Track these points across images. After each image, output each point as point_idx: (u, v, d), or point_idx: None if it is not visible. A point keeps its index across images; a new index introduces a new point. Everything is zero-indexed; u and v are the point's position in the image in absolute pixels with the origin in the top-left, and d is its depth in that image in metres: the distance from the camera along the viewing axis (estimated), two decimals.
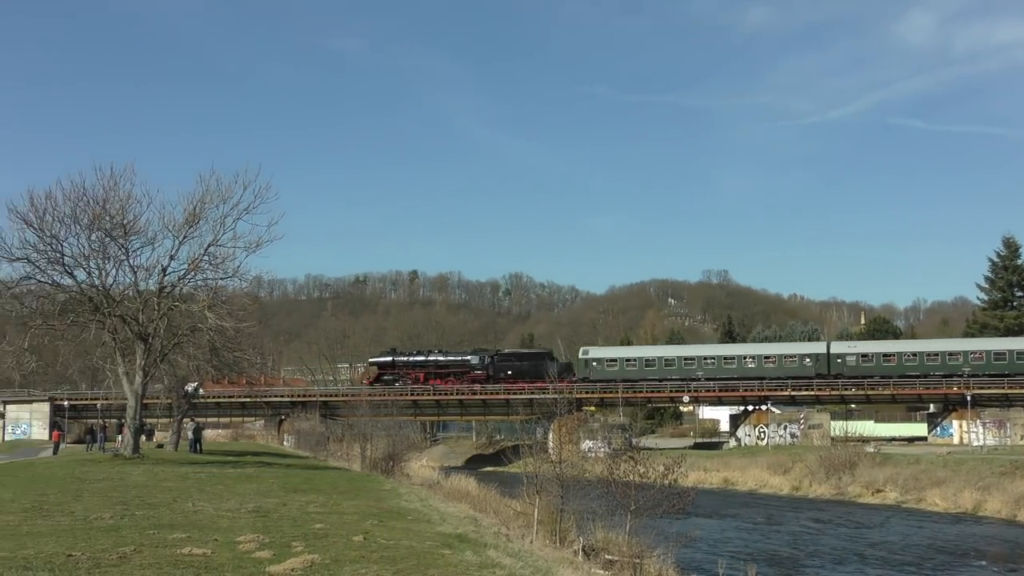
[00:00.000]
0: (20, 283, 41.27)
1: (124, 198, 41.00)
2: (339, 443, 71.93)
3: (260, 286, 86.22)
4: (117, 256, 41.76)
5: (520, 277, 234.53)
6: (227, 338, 43.70)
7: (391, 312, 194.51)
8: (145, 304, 42.00)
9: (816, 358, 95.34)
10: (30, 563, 11.91)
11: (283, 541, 14.72)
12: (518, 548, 18.65)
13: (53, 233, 40.26)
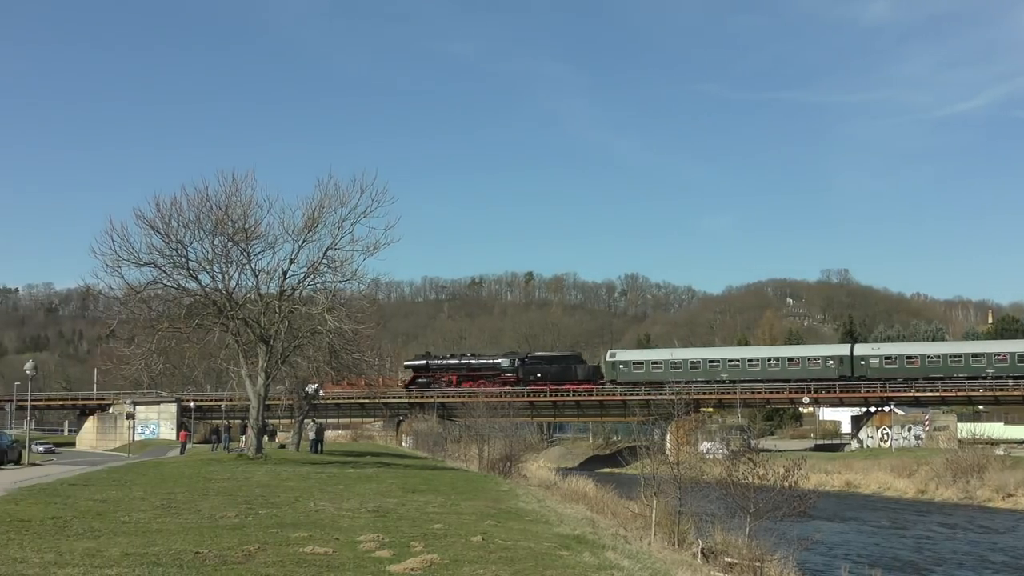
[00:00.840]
0: (148, 287, 42.32)
1: (246, 203, 41.87)
2: (457, 444, 72.34)
3: (378, 289, 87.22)
4: (239, 260, 42.63)
5: (636, 278, 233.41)
6: (346, 340, 44.28)
7: (507, 313, 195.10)
8: (266, 307, 42.78)
9: (840, 360, 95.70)
10: (160, 559, 12.21)
11: (403, 541, 14.84)
12: (636, 550, 18.52)
13: (178, 238, 41.27)
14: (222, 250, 42.13)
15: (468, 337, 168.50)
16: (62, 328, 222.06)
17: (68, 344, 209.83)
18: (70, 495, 23.42)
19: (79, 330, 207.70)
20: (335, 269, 43.09)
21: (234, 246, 42.06)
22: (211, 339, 44.17)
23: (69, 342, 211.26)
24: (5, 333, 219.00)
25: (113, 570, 11.26)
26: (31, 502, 21.33)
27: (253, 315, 42.56)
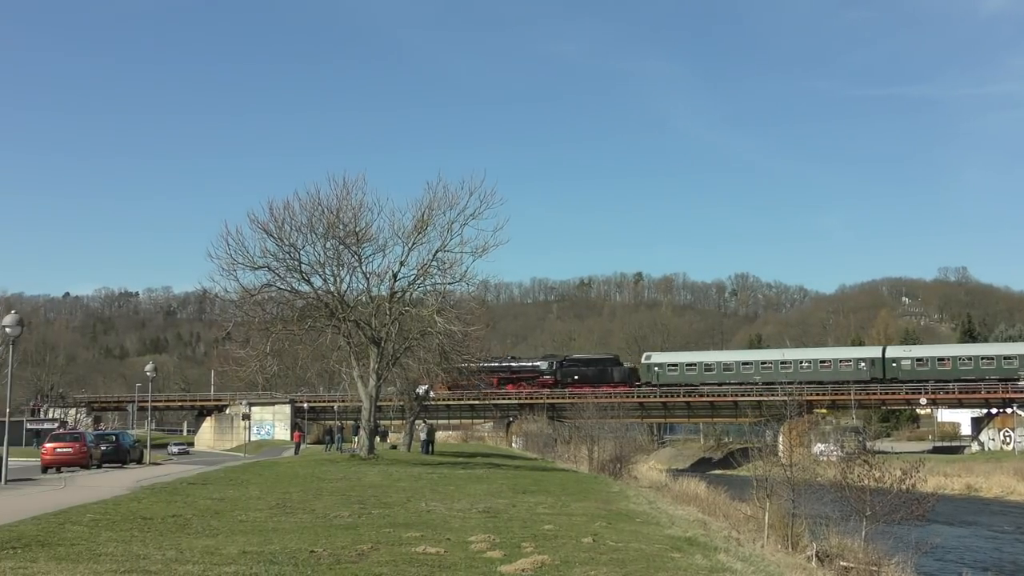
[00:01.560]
0: (262, 290, 43.08)
1: (356, 207, 42.39)
2: (566, 445, 72.26)
3: (487, 290, 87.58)
4: (350, 263, 43.17)
5: (746, 277, 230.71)
6: (455, 342, 44.52)
7: (616, 314, 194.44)
8: (377, 309, 43.23)
9: (871, 362, 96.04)
10: (276, 558, 12.41)
11: (513, 541, 14.85)
12: (749, 552, 18.30)
13: (291, 242, 41.97)
14: (334, 253, 42.72)
15: (577, 338, 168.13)
16: (180, 331, 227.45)
17: (186, 346, 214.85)
18: (189, 494, 23.96)
19: (196, 332, 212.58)
20: (444, 271, 43.37)
21: (345, 249, 42.60)
22: (323, 341, 44.81)
23: (187, 344, 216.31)
24: (126, 336, 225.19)
25: (231, 568, 11.48)
26: (153, 500, 21.88)
27: (364, 317, 43.04)
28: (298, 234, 42.22)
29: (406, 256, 43.16)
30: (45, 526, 15.90)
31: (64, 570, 10.92)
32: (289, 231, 42.00)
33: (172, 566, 11.47)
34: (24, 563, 11.52)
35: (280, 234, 41.78)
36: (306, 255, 42.47)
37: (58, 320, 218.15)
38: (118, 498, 22.50)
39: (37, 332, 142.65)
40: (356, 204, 42.33)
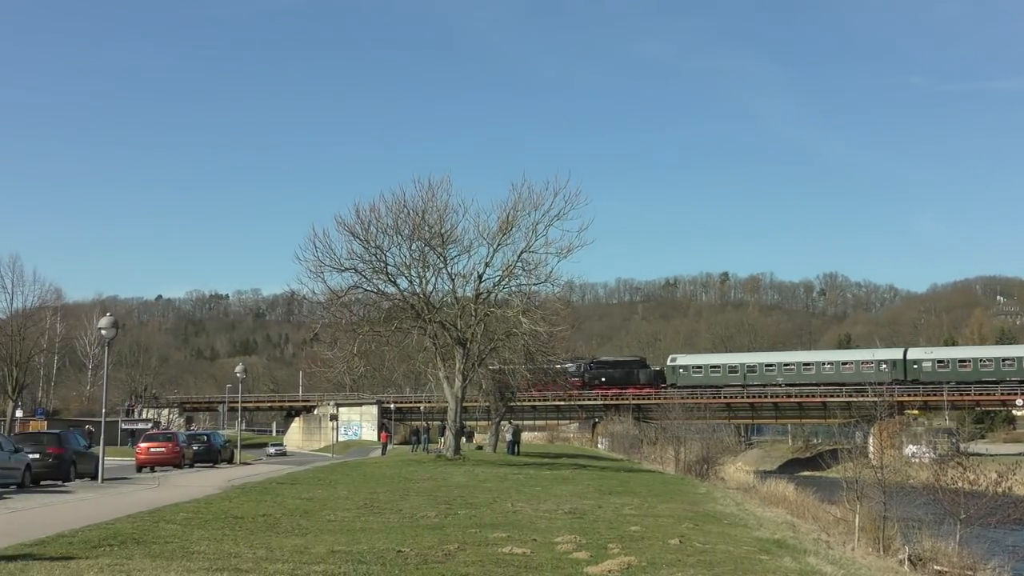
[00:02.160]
0: (349, 292, 43.51)
1: (441, 208, 42.61)
2: (652, 446, 71.97)
3: (572, 291, 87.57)
4: (436, 264, 43.40)
5: (835, 277, 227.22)
6: (541, 342, 44.55)
7: (702, 314, 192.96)
8: (463, 310, 43.39)
9: (893, 364, 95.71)
10: (364, 557, 12.53)
11: (600, 543, 14.82)
12: (839, 555, 18.05)
13: (377, 244, 42.33)
14: (419, 255, 42.98)
15: (663, 339, 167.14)
16: (269, 332, 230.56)
17: (275, 348, 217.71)
18: (279, 493, 24.29)
19: (285, 334, 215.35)
20: (529, 272, 43.41)
21: (431, 250, 42.84)
22: (409, 342, 45.12)
23: (276, 346, 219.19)
24: (217, 337, 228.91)
25: (320, 566, 11.61)
26: (243, 499, 22.21)
27: (450, 318, 43.21)
28: (384, 236, 42.61)
29: (491, 257, 43.33)
30: (140, 524, 16.24)
31: (158, 567, 11.13)
32: (375, 233, 42.42)
33: (262, 564, 11.63)
34: (120, 560, 11.77)
35: (366, 236, 42.18)
36: (392, 257, 42.85)
37: (151, 322, 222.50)
38: (210, 497, 22.88)
39: (131, 334, 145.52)
40: (441, 206, 42.60)
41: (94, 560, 11.72)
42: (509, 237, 42.85)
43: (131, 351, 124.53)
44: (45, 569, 10.77)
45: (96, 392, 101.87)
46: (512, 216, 42.61)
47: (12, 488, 27.93)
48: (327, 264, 42.16)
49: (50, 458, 31.93)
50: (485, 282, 43.66)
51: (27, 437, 35.28)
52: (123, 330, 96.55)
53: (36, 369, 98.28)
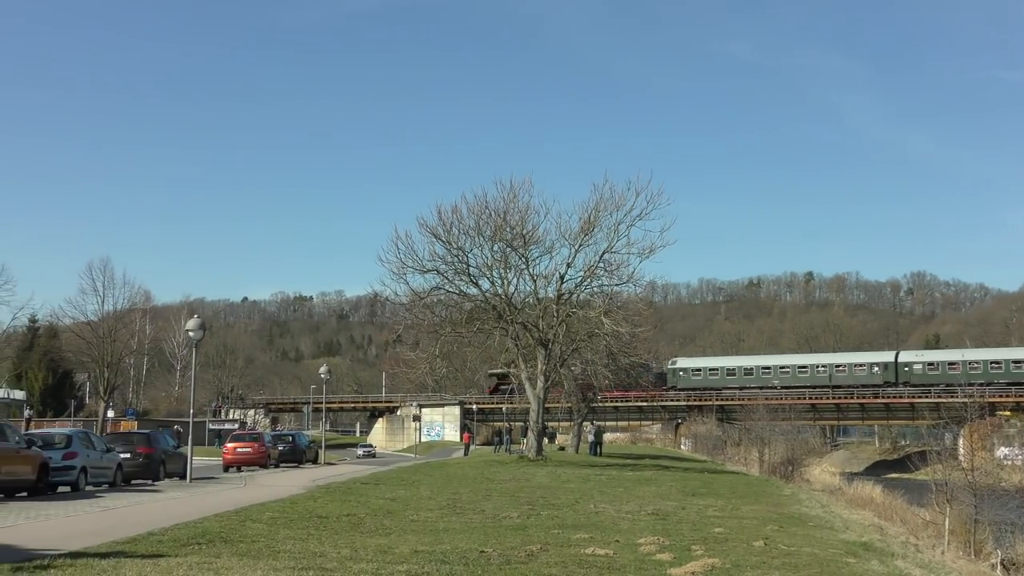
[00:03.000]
0: (431, 293, 43.74)
1: (523, 209, 42.69)
2: (736, 447, 71.42)
3: (654, 291, 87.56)
4: (517, 265, 43.46)
5: (923, 276, 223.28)
6: (623, 343, 44.42)
7: (786, 314, 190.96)
8: (545, 311, 43.38)
9: (884, 366, 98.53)
10: (447, 557, 12.57)
11: (683, 544, 14.72)
12: (928, 559, 17.74)
13: (459, 245, 42.51)
14: (501, 256, 43.06)
15: (746, 339, 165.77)
16: (353, 333, 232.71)
17: (358, 349, 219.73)
18: (363, 493, 24.48)
19: (368, 335, 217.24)
20: (611, 272, 43.31)
21: (512, 251, 42.90)
22: (491, 343, 45.28)
23: (359, 347, 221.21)
24: (301, 339, 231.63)
25: (403, 566, 11.67)
26: (328, 499, 22.43)
27: (532, 319, 43.24)
28: (466, 237, 42.79)
29: (573, 258, 43.30)
30: (227, 523, 16.47)
31: (245, 566, 11.27)
32: (457, 234, 42.61)
33: (347, 564, 11.73)
34: (208, 558, 11.95)
35: (448, 238, 42.38)
36: (474, 258, 43.02)
37: (237, 324, 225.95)
38: (295, 497, 23.14)
39: (218, 336, 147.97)
40: (523, 206, 42.68)
41: (183, 558, 11.91)
42: (591, 237, 42.81)
43: (218, 352, 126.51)
44: (136, 566, 10.97)
45: (184, 393, 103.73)
46: (594, 216, 42.54)
47: (104, 487, 28.53)
48: (410, 266, 42.50)
49: (140, 458, 32.55)
50: (567, 283, 43.68)
51: (118, 437, 35.99)
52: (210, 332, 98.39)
53: (126, 370, 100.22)
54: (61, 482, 26.39)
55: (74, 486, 26.87)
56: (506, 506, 21.07)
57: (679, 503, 23.22)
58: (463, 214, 42.71)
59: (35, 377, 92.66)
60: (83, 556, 11.91)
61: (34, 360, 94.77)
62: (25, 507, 20.37)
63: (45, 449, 26.06)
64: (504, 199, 42.53)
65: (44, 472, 24.87)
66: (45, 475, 24.93)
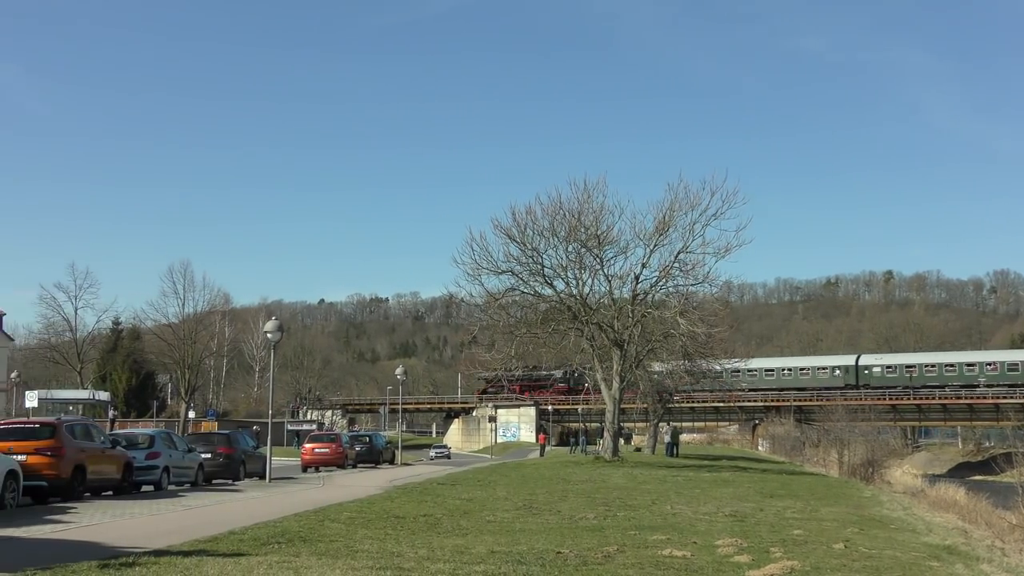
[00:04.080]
0: (506, 294, 43.81)
1: (597, 210, 42.58)
2: (815, 448, 70.66)
3: (730, 291, 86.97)
4: (592, 266, 43.38)
5: (1007, 274, 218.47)
6: (699, 343, 44.14)
7: (865, 314, 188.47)
8: (620, 311, 43.26)
9: (846, 369, 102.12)
10: (523, 558, 12.59)
11: (761, 546, 14.59)
12: (1016, 563, 17.36)
13: (534, 246, 42.54)
14: (575, 256, 43.02)
15: (824, 339, 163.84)
16: (428, 335, 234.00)
17: (434, 350, 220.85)
18: (439, 494, 24.62)
19: (444, 336, 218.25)
20: (687, 272, 43.05)
21: (587, 252, 42.85)
22: (566, 344, 45.20)
23: (435, 348, 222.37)
24: (377, 340, 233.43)
25: (480, 567, 11.71)
26: (405, 500, 22.59)
27: (607, 320, 43.16)
28: (540, 238, 42.79)
29: (648, 258, 43.12)
30: (306, 523, 16.66)
31: (324, 565, 11.39)
32: (532, 235, 42.63)
33: (424, 564, 11.80)
34: (288, 557, 12.09)
35: (523, 239, 42.43)
36: (548, 259, 43.01)
37: (314, 325, 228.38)
38: (372, 497, 23.34)
39: (295, 337, 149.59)
40: (597, 207, 42.58)
41: (263, 557, 12.07)
42: (666, 237, 42.61)
43: (295, 354, 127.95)
44: (218, 565, 11.14)
45: (263, 394, 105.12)
46: (669, 216, 42.34)
47: (186, 486, 29.04)
48: (484, 267, 42.64)
49: (221, 458, 33.07)
50: (642, 283, 43.51)
51: (199, 437, 36.58)
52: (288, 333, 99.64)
53: (206, 371, 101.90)
54: (145, 481, 26.92)
55: (157, 485, 27.40)
56: (582, 507, 21.06)
57: (757, 504, 23.02)
58: (537, 215, 42.80)
59: (119, 378, 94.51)
60: (167, 554, 12.13)
61: (118, 362, 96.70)
62: (111, 505, 20.80)
63: (129, 449, 26.62)
64: (578, 199, 42.52)
65: (129, 472, 25.39)
66: (129, 474, 25.45)
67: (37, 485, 21.36)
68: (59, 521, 16.98)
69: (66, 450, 22.21)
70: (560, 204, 42.51)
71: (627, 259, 43.66)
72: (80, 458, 22.69)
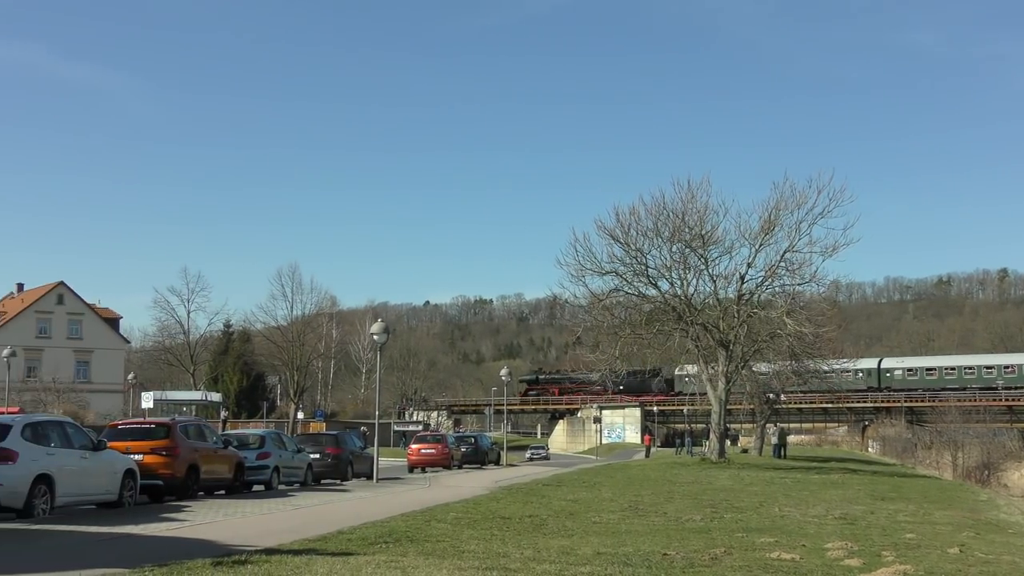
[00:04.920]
0: (610, 295, 43.77)
1: (701, 209, 42.32)
2: (927, 450, 69.22)
3: (838, 290, 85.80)
4: (697, 266, 43.12)
5: None
6: (806, 344, 43.57)
7: (979, 313, 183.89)
8: (725, 312, 42.93)
9: (868, 372, 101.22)
10: (630, 559, 12.55)
11: (872, 550, 14.34)
12: None
13: (637, 247, 42.43)
14: (680, 256, 42.81)
15: (936, 339, 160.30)
16: (532, 336, 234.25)
17: (538, 351, 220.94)
18: (544, 495, 24.66)
19: (548, 337, 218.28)
20: (793, 272, 42.56)
21: (691, 252, 42.61)
22: (671, 345, 44.99)
23: (539, 349, 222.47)
24: (482, 341, 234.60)
25: (586, 568, 11.70)
26: (510, 500, 22.66)
27: (712, 320, 42.86)
28: (644, 239, 42.66)
29: (753, 258, 42.73)
30: (413, 523, 16.82)
31: (431, 565, 11.47)
32: (635, 236, 42.53)
33: (530, 565, 11.82)
34: (395, 557, 12.22)
35: (627, 239, 42.35)
36: (652, 259, 42.86)
37: (419, 327, 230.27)
38: (478, 498, 23.46)
39: (401, 339, 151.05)
40: (701, 207, 42.32)
41: (371, 556, 12.21)
42: (771, 237, 42.16)
43: (401, 355, 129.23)
44: (327, 564, 11.29)
45: (369, 395, 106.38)
46: (774, 215, 41.90)
47: (295, 486, 29.54)
48: (588, 268, 42.65)
49: (329, 458, 33.57)
50: (747, 283, 43.13)
51: (308, 438, 37.20)
52: (394, 335, 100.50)
53: (315, 373, 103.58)
54: (255, 481, 27.46)
55: (267, 485, 27.92)
56: (688, 508, 20.92)
57: (868, 507, 22.64)
58: (640, 215, 42.67)
59: (230, 380, 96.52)
60: (277, 552, 12.35)
61: (229, 363, 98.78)
62: (223, 504, 21.24)
63: (240, 449, 27.17)
64: (682, 199, 42.29)
65: (240, 471, 25.91)
66: (241, 474, 25.98)
67: (153, 484, 21.94)
68: (174, 519, 17.41)
69: (180, 450, 22.76)
70: (664, 204, 42.38)
71: (732, 259, 43.38)
72: (194, 458, 23.23)
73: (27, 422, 18.47)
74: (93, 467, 19.36)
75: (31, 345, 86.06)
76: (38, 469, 17.57)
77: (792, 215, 41.66)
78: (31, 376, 78.74)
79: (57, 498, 18.07)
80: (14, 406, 52.60)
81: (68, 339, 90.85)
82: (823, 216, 41.00)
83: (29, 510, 17.22)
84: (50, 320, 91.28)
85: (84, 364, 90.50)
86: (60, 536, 14.79)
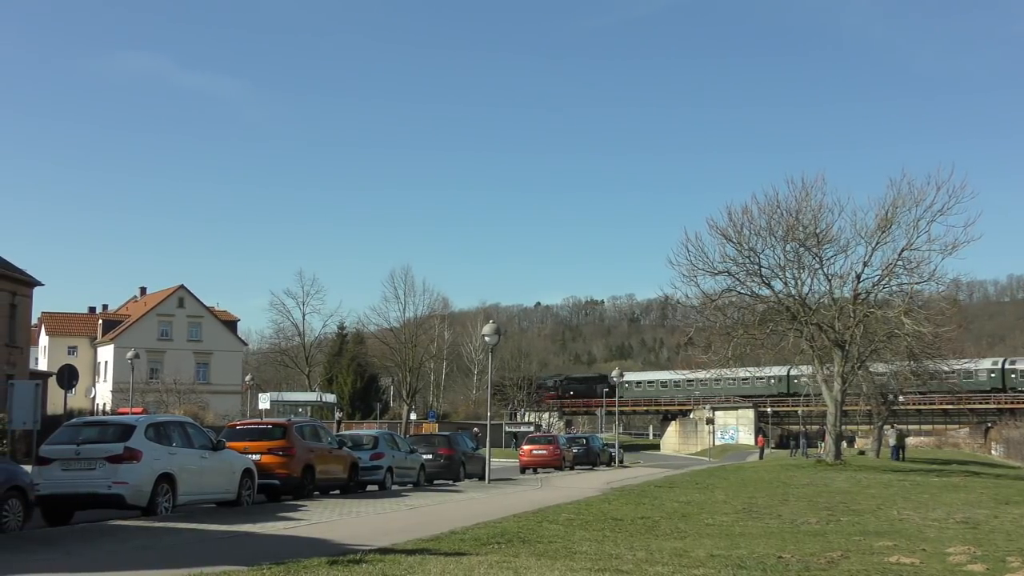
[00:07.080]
0: (722, 295, 43.43)
1: (816, 208, 41.78)
2: None
3: (958, 289, 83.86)
4: (811, 265, 42.57)
5: None
6: (925, 344, 42.65)
7: None
8: (840, 311, 42.28)
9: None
10: (744, 562, 12.42)
11: (997, 555, 13.96)
12: None
13: (750, 246, 42.05)
14: (794, 256, 42.33)
15: None
16: (644, 337, 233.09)
17: (649, 352, 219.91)
18: (656, 496, 24.54)
19: (659, 338, 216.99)
20: (911, 270, 41.74)
21: (806, 251, 42.11)
22: (785, 345, 44.46)
23: (650, 350, 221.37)
24: (593, 343, 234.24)
25: (699, 570, 11.60)
26: (622, 502, 22.60)
27: (827, 320, 42.26)
28: (757, 238, 42.29)
29: (869, 256, 42.06)
30: (525, 523, 16.87)
31: (543, 566, 11.49)
32: (748, 235, 42.18)
33: (643, 566, 11.76)
34: (508, 557, 12.27)
35: (739, 239, 42.01)
36: (766, 259, 42.49)
37: (531, 329, 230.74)
38: (589, 499, 23.44)
39: (513, 340, 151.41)
40: (816, 205, 41.80)
41: (483, 556, 12.28)
42: (888, 235, 41.44)
43: (512, 357, 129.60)
44: (440, 563, 11.39)
45: (481, 396, 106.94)
46: (891, 213, 41.15)
47: (408, 486, 29.82)
48: (700, 268, 42.39)
49: (441, 459, 33.83)
50: (864, 282, 42.44)
51: (421, 439, 37.53)
52: (505, 337, 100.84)
53: (427, 374, 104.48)
54: (369, 481, 27.81)
55: (381, 485, 28.25)
56: (804, 511, 20.64)
57: (991, 511, 22.05)
58: (753, 214, 42.27)
59: (344, 381, 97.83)
60: (391, 552, 12.50)
61: (343, 365, 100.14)
62: (338, 504, 21.55)
63: (354, 450, 27.54)
64: (796, 198, 41.81)
65: (354, 471, 26.26)
66: (355, 474, 26.32)
67: (270, 483, 22.36)
68: (290, 518, 17.72)
69: (296, 450, 23.15)
70: (777, 203, 41.95)
71: (847, 257, 42.77)
72: (309, 458, 23.61)
73: (150, 422, 18.98)
74: (212, 467, 19.82)
75: (153, 347, 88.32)
76: (161, 468, 18.06)
77: (910, 212, 40.93)
78: (153, 378, 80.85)
79: (179, 497, 18.55)
80: (138, 407, 54.18)
81: (188, 341, 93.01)
82: (942, 213, 40.19)
83: (153, 508, 17.72)
84: (171, 323, 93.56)
85: (204, 366, 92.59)
86: (181, 534, 15.16)
